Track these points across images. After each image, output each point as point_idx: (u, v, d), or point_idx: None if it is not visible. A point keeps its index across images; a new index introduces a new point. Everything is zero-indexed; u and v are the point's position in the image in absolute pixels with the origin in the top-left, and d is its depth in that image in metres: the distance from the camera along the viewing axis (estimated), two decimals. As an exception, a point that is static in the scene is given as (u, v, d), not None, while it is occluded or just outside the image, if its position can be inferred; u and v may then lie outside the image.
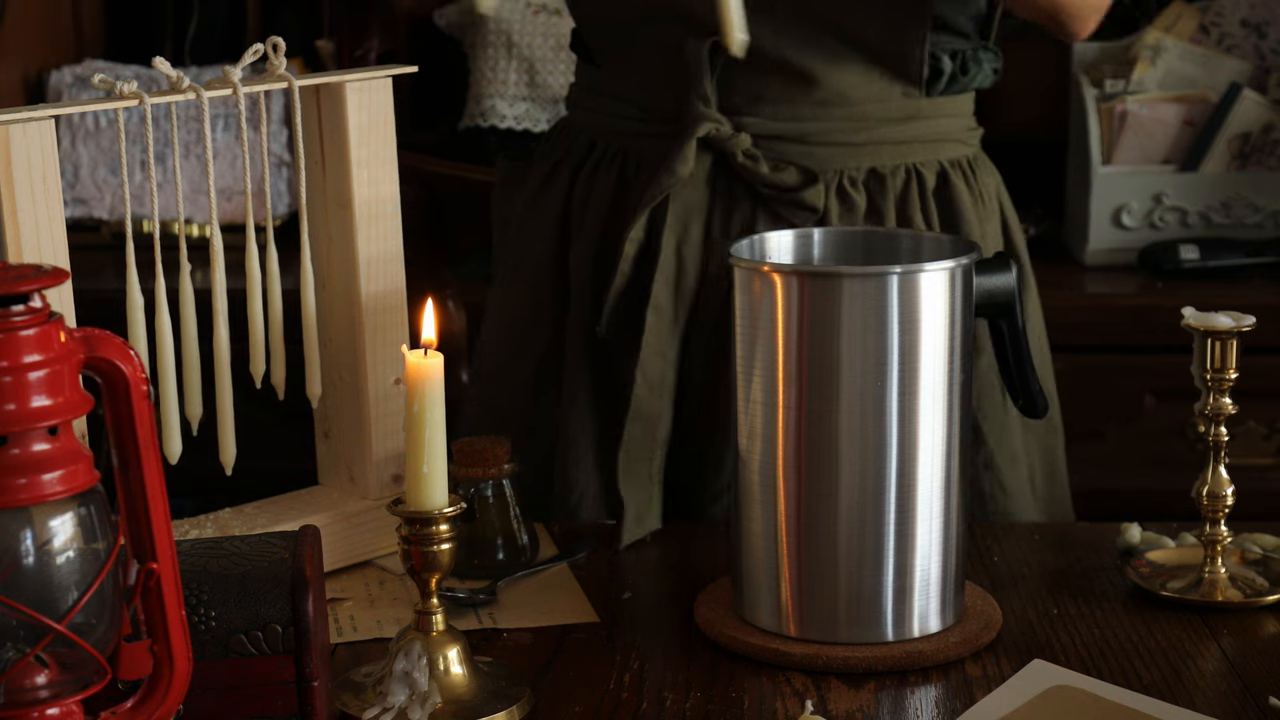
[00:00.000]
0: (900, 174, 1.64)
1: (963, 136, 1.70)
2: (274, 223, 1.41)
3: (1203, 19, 2.72)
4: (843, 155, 1.62)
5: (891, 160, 1.64)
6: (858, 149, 1.62)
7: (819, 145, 1.61)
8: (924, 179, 1.65)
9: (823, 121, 1.61)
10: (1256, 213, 2.64)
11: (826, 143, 1.62)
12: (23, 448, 0.93)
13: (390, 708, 1.19)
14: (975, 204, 1.68)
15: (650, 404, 1.59)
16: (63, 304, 1.29)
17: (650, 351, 1.59)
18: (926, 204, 1.65)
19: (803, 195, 1.59)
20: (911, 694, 1.25)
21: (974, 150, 1.72)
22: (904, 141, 1.64)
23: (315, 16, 3.07)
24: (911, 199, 1.64)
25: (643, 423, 1.58)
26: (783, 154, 1.61)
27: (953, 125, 1.68)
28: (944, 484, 1.30)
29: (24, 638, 0.96)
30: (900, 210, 1.63)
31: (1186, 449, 2.51)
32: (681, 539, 1.56)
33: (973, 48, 1.68)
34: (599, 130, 1.70)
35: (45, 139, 1.28)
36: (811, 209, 1.60)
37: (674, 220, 1.61)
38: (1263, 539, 1.49)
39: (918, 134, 1.65)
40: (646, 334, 1.59)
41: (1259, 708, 1.22)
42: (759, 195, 1.61)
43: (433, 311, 1.24)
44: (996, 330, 1.36)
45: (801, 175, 1.60)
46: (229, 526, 1.43)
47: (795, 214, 1.60)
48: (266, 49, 1.38)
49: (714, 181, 1.62)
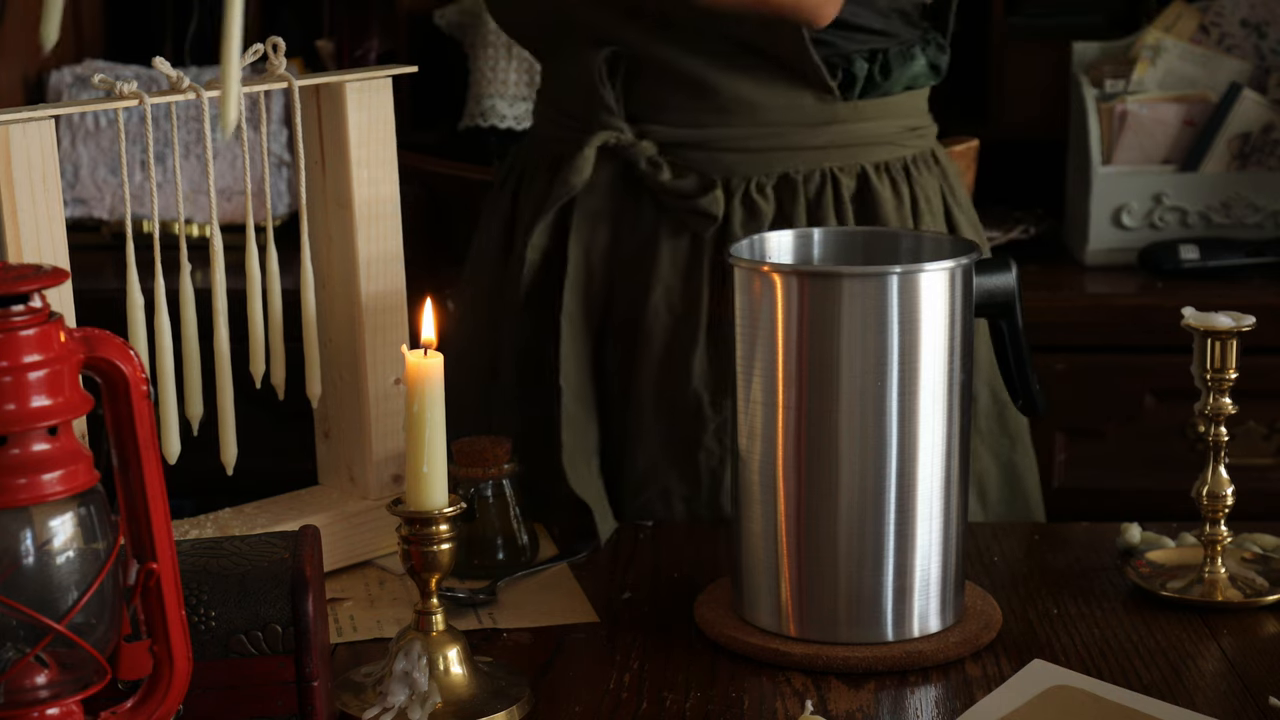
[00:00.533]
0: (815, 179, 1.62)
1: (896, 138, 1.66)
2: (274, 223, 1.41)
3: (1203, 19, 2.72)
4: (750, 162, 1.61)
5: (805, 166, 1.62)
6: (766, 155, 1.60)
7: (724, 152, 1.60)
8: (840, 184, 1.63)
9: (727, 128, 1.60)
10: (1256, 213, 2.64)
11: (732, 149, 1.60)
12: (23, 448, 0.93)
13: (390, 708, 1.19)
14: (900, 209, 1.64)
15: (577, 411, 1.59)
16: (63, 304, 1.29)
17: (569, 361, 1.59)
18: (842, 209, 1.62)
19: (699, 202, 1.58)
20: (911, 694, 1.25)
21: (915, 151, 1.68)
22: (820, 147, 1.62)
23: (315, 16, 3.07)
24: (825, 204, 1.62)
25: (575, 430, 1.58)
26: (689, 161, 1.60)
27: (881, 128, 1.65)
28: (944, 484, 1.30)
29: (24, 638, 0.96)
30: (812, 216, 1.61)
31: (1186, 449, 2.51)
32: (681, 539, 1.56)
33: (901, 46, 1.64)
34: (537, 135, 1.72)
35: (45, 139, 1.28)
36: (707, 216, 1.59)
37: (579, 229, 1.61)
38: (1263, 539, 1.49)
39: (835, 139, 1.62)
40: (563, 344, 1.59)
41: (1259, 708, 1.22)
42: (662, 203, 1.61)
43: (433, 311, 1.24)
44: (996, 330, 1.36)
45: (700, 182, 1.59)
46: (229, 526, 1.43)
47: (695, 221, 1.59)
48: (266, 49, 1.38)
49: (618, 189, 1.62)
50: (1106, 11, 2.93)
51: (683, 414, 1.60)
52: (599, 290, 1.63)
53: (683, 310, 1.61)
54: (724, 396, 1.59)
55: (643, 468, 1.62)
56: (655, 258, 1.61)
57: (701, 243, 1.60)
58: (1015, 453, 1.73)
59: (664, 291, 1.61)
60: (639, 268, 1.62)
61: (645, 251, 1.61)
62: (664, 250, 1.61)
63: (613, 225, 1.62)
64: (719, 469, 1.61)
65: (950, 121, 2.58)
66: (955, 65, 1.76)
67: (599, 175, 1.61)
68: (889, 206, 1.63)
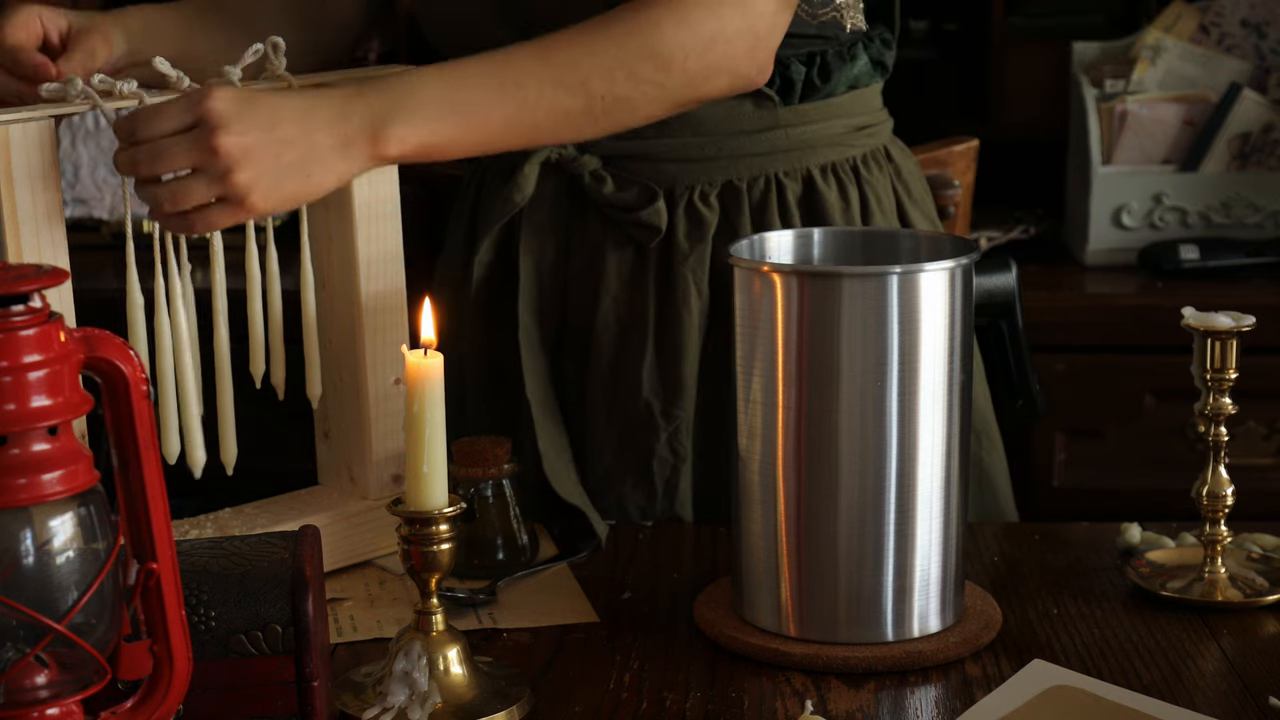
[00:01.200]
0: (759, 185, 1.60)
1: (842, 139, 1.64)
2: (274, 223, 1.41)
3: (1203, 19, 2.72)
4: (692, 171, 1.59)
5: (748, 172, 1.60)
6: (708, 164, 1.59)
7: (666, 162, 1.59)
8: (785, 189, 1.61)
9: (668, 139, 1.58)
10: (1256, 213, 2.64)
11: (673, 159, 1.59)
12: (23, 448, 0.93)
13: (390, 708, 1.19)
14: (846, 211, 1.63)
15: (547, 426, 1.59)
16: (63, 304, 1.29)
17: (532, 377, 1.59)
18: (787, 213, 1.61)
19: (640, 214, 1.58)
20: (911, 694, 1.25)
21: (865, 150, 1.66)
22: (762, 153, 1.60)
23: (315, 16, 3.07)
24: (770, 210, 1.60)
25: (548, 440, 1.58)
26: (633, 172, 1.59)
27: (825, 130, 1.63)
28: (944, 484, 1.30)
29: (24, 638, 0.96)
30: (756, 223, 1.60)
31: (1186, 449, 2.51)
32: (681, 539, 1.56)
33: (839, 47, 1.62)
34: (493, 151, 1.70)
35: (45, 139, 1.28)
36: (651, 227, 1.58)
37: (527, 242, 1.61)
38: (1263, 539, 1.49)
39: (778, 144, 1.61)
40: (524, 359, 1.59)
41: (1259, 708, 1.22)
42: (606, 215, 1.60)
43: (432, 311, 1.24)
44: (997, 330, 1.36)
45: (642, 194, 1.58)
46: (229, 526, 1.43)
47: (638, 232, 1.59)
48: (266, 49, 1.38)
49: (564, 203, 1.61)
50: (1106, 11, 2.93)
51: (634, 423, 1.60)
52: (551, 303, 1.63)
53: (630, 320, 1.60)
54: (675, 405, 1.59)
55: (598, 476, 1.62)
56: (602, 269, 1.61)
57: (646, 254, 1.60)
58: (983, 449, 1.72)
59: (611, 303, 1.60)
60: (587, 279, 1.61)
61: (593, 263, 1.61)
62: (610, 262, 1.60)
63: (560, 238, 1.62)
64: (673, 477, 1.61)
65: (950, 121, 2.59)
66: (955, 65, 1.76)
67: (545, 189, 1.61)
68: (835, 210, 1.62)
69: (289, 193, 1.30)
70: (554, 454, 1.59)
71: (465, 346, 1.68)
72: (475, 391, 1.68)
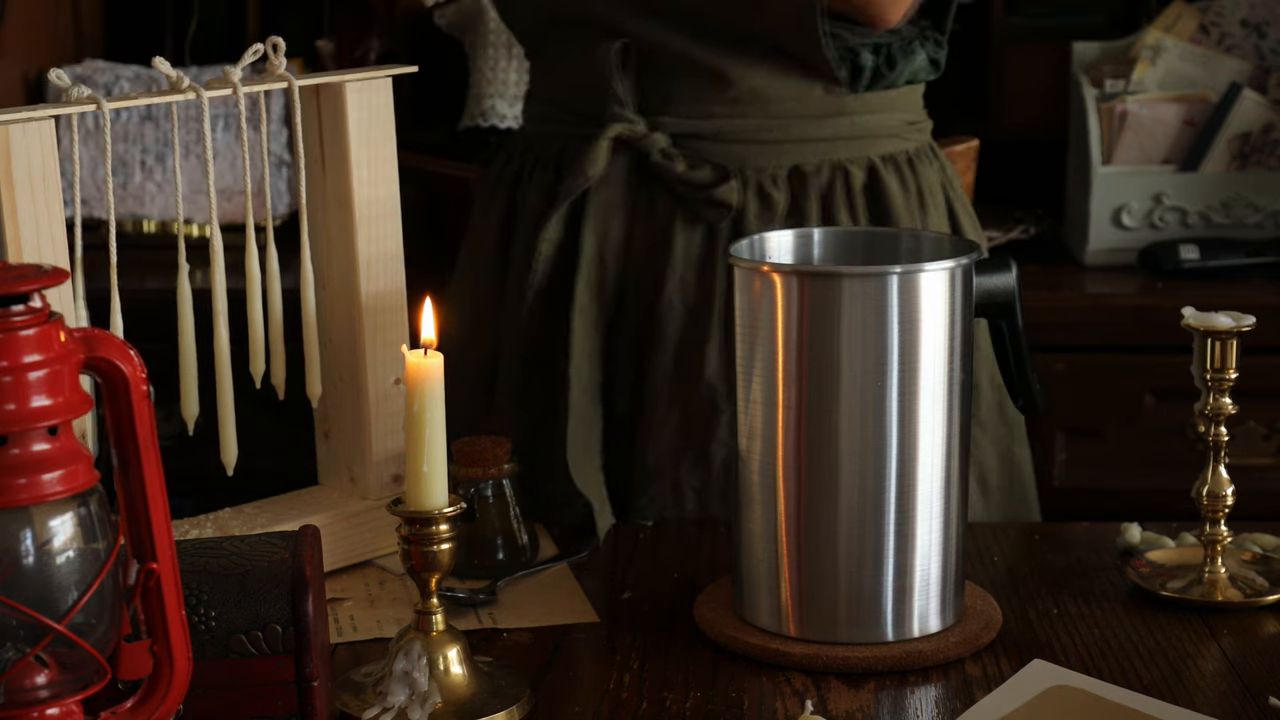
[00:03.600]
0: (825, 171, 1.63)
1: (899, 131, 1.68)
2: (274, 223, 1.41)
3: (1203, 19, 2.72)
4: (762, 153, 1.62)
5: (815, 158, 1.62)
6: (777, 147, 1.61)
7: (736, 143, 1.61)
8: (851, 176, 1.64)
9: (738, 120, 1.61)
10: (1256, 213, 2.64)
11: (744, 140, 1.61)
12: (23, 448, 0.93)
13: (390, 708, 1.19)
14: (908, 201, 1.66)
15: (584, 404, 1.59)
16: (63, 304, 1.29)
17: (579, 354, 1.59)
18: (853, 201, 1.63)
19: (715, 193, 1.59)
20: (911, 694, 1.25)
21: (916, 145, 1.70)
22: (828, 139, 1.63)
23: (315, 16, 3.07)
24: (836, 197, 1.63)
25: (582, 423, 1.58)
26: (701, 152, 1.61)
27: (886, 121, 1.66)
28: (944, 484, 1.30)
29: (24, 638, 0.96)
30: (824, 208, 1.62)
31: (1186, 449, 2.51)
32: (681, 539, 1.56)
33: (902, 41, 1.65)
34: (535, 133, 1.71)
35: (45, 139, 1.28)
36: (724, 205, 1.60)
37: (593, 221, 1.61)
38: (1263, 539, 1.49)
39: (844, 131, 1.63)
40: (574, 337, 1.59)
41: (1259, 708, 1.22)
42: (677, 194, 1.61)
43: (432, 311, 1.24)
44: (996, 330, 1.36)
45: (715, 173, 1.60)
46: (229, 526, 1.43)
47: (710, 211, 1.60)
48: (266, 49, 1.38)
49: (632, 181, 1.62)
50: (1106, 11, 2.93)
51: (696, 404, 1.61)
52: (611, 283, 1.63)
53: (696, 302, 1.61)
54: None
55: (653, 461, 1.62)
56: (669, 250, 1.61)
57: (716, 234, 1.61)
58: (1014, 442, 1.74)
59: (678, 284, 1.61)
60: (652, 260, 1.62)
61: (659, 244, 1.62)
62: (678, 242, 1.61)
63: (626, 218, 1.63)
64: (731, 460, 1.61)
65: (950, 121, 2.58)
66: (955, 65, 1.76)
67: (612, 168, 1.62)
68: (898, 199, 1.65)
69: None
70: (582, 439, 1.58)
71: (503, 338, 1.67)
72: (508, 392, 1.68)
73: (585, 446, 1.59)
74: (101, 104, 1.31)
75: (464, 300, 1.77)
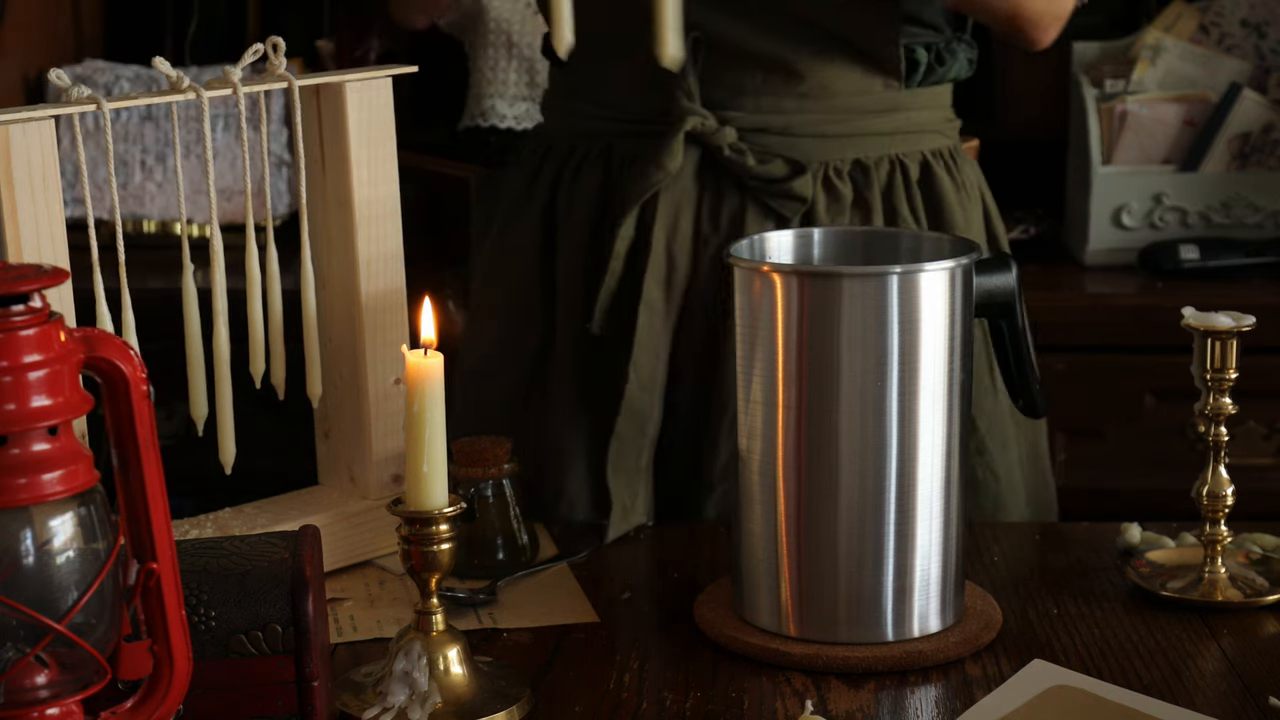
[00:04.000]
0: (884, 165, 1.66)
1: (942, 128, 1.71)
2: (274, 223, 1.41)
3: (1203, 19, 2.72)
4: (827, 147, 1.63)
5: (875, 151, 1.65)
6: (841, 140, 1.63)
7: (803, 137, 1.63)
8: (908, 170, 1.67)
9: (806, 114, 1.63)
10: (1256, 213, 2.64)
11: (810, 134, 1.63)
12: (23, 448, 0.93)
13: (390, 708, 1.19)
14: (958, 193, 1.69)
15: (641, 400, 1.59)
16: (63, 304, 1.29)
17: (642, 349, 1.60)
18: (911, 194, 1.66)
19: (791, 186, 1.61)
20: (911, 694, 1.25)
21: (953, 141, 1.73)
22: (886, 133, 1.65)
23: (315, 16, 3.07)
24: (897, 189, 1.66)
25: (633, 419, 1.59)
26: (767, 146, 1.62)
27: (933, 117, 1.70)
28: (944, 484, 1.30)
29: (24, 638, 0.96)
30: (886, 201, 1.65)
31: (1186, 449, 2.51)
32: (681, 539, 1.56)
33: (946, 40, 1.69)
34: (578, 133, 1.71)
35: (45, 139, 1.28)
36: (800, 199, 1.61)
37: (663, 216, 1.62)
38: (1263, 539, 1.49)
39: (899, 125, 1.66)
40: (639, 332, 1.59)
41: (1259, 708, 1.22)
42: (746, 188, 1.62)
43: (432, 311, 1.24)
44: (996, 330, 1.36)
45: (789, 166, 1.62)
46: (229, 526, 1.43)
47: (784, 205, 1.61)
48: (266, 49, 1.38)
49: (701, 176, 1.63)
50: (1106, 11, 2.93)
51: None
52: (680, 279, 1.63)
53: None
54: None
55: (725, 460, 1.62)
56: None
57: (787, 227, 1.62)
58: (1037, 432, 1.77)
59: None
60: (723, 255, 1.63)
61: (731, 238, 1.63)
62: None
63: (694, 213, 1.63)
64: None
65: (950, 121, 2.58)
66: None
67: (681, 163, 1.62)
68: (949, 192, 1.68)
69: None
70: (630, 436, 1.58)
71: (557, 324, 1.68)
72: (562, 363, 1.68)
73: (633, 444, 1.59)
74: (101, 104, 1.31)
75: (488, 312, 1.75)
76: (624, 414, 1.59)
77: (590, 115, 1.70)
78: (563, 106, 1.75)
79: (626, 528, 1.56)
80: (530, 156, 1.76)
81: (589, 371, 1.66)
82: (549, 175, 1.72)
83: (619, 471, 1.57)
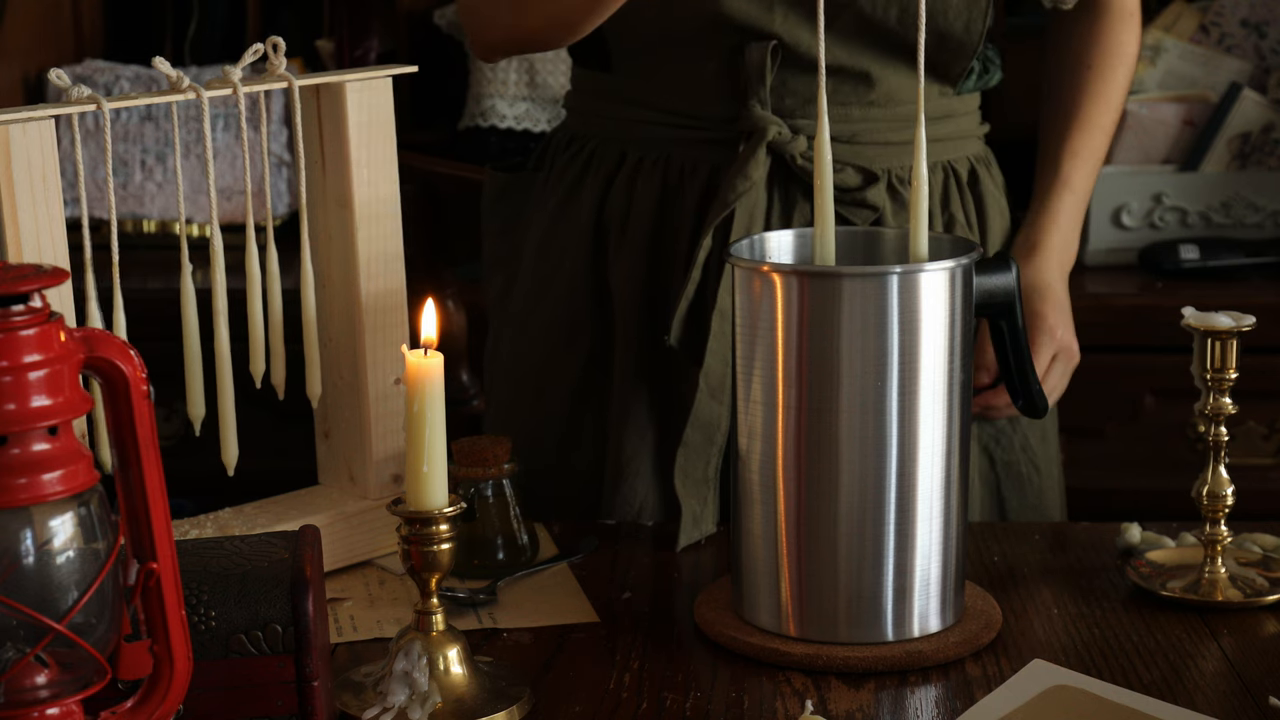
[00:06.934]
0: (939, 170, 1.68)
1: (978, 132, 1.74)
2: (274, 223, 1.41)
3: (1203, 19, 2.72)
4: (890, 154, 1.64)
5: (931, 157, 1.66)
6: (902, 147, 1.64)
7: (868, 145, 1.63)
8: (959, 174, 1.69)
9: (871, 122, 1.64)
10: (1256, 213, 2.64)
11: (875, 142, 1.64)
12: (23, 448, 0.93)
13: (390, 708, 1.19)
14: (998, 197, 1.73)
15: (710, 408, 1.58)
16: (63, 304, 1.29)
17: (714, 357, 1.58)
18: (964, 198, 1.69)
19: (865, 194, 1.62)
20: (911, 694, 1.26)
21: (985, 146, 1.76)
22: (940, 139, 1.67)
23: (315, 16, 3.07)
24: (951, 194, 1.68)
25: (702, 427, 1.58)
26: (836, 155, 1.61)
27: (972, 122, 1.72)
28: (944, 484, 1.30)
29: (24, 638, 0.96)
30: (943, 204, 1.67)
31: (1186, 449, 2.51)
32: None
33: (986, 50, 1.72)
34: (629, 140, 1.68)
35: (45, 139, 1.28)
36: (873, 207, 1.62)
37: (739, 225, 1.60)
38: (1263, 539, 1.49)
39: (949, 131, 1.68)
40: (712, 340, 1.58)
41: (1259, 708, 1.22)
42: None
43: (433, 311, 1.24)
44: (996, 330, 1.36)
45: (862, 175, 1.63)
46: (229, 526, 1.43)
47: (855, 213, 1.62)
48: (266, 49, 1.38)
49: (772, 185, 1.62)
50: (1106, 11, 2.92)
51: None
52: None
53: None
54: None
55: None
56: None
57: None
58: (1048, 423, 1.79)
59: None
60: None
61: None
62: None
63: (766, 222, 1.63)
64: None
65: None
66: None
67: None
68: (992, 195, 1.71)
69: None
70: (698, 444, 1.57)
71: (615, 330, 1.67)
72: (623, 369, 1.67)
73: (700, 452, 1.58)
74: (101, 104, 1.31)
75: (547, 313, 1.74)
76: (692, 423, 1.58)
77: (644, 121, 1.67)
78: (604, 111, 1.71)
79: (698, 535, 1.55)
80: (567, 162, 1.72)
81: (651, 383, 1.66)
82: (597, 184, 1.69)
83: (687, 480, 1.56)
